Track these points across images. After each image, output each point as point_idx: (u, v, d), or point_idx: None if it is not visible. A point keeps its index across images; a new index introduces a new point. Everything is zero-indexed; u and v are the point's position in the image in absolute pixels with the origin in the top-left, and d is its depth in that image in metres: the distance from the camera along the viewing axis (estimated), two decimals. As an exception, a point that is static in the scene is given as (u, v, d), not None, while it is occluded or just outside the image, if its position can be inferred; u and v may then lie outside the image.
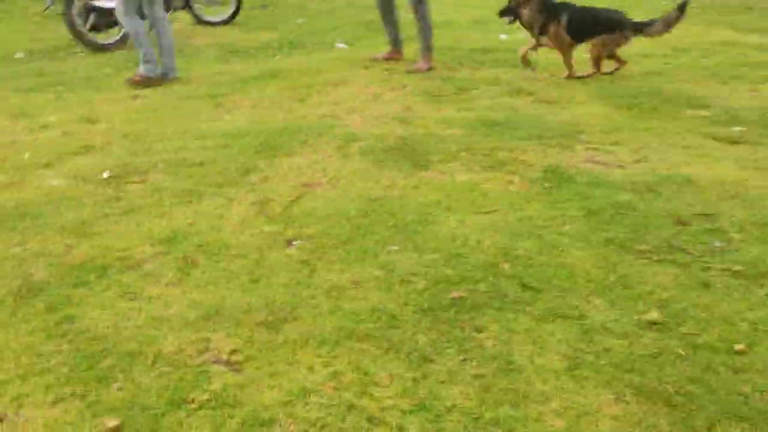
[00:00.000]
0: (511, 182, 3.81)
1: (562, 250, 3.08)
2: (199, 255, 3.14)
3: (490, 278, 2.89)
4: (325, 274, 2.98)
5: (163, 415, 2.22)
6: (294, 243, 3.24)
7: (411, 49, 6.72)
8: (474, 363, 2.39)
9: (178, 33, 7.95)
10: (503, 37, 7.41)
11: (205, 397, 2.29)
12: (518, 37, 7.35)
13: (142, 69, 5.83)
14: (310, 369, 2.41)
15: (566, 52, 5.79)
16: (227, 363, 2.46)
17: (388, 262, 3.05)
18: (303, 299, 2.80)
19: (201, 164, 4.11)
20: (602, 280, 2.84)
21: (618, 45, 5.71)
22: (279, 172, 3.99)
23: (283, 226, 3.38)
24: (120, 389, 2.33)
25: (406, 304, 2.75)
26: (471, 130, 4.60)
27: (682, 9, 5.51)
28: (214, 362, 2.46)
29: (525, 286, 2.82)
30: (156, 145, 4.44)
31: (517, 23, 5.92)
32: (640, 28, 5.61)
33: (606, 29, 5.61)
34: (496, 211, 3.48)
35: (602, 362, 2.37)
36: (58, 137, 4.70)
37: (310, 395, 2.28)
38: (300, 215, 3.48)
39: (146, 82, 5.76)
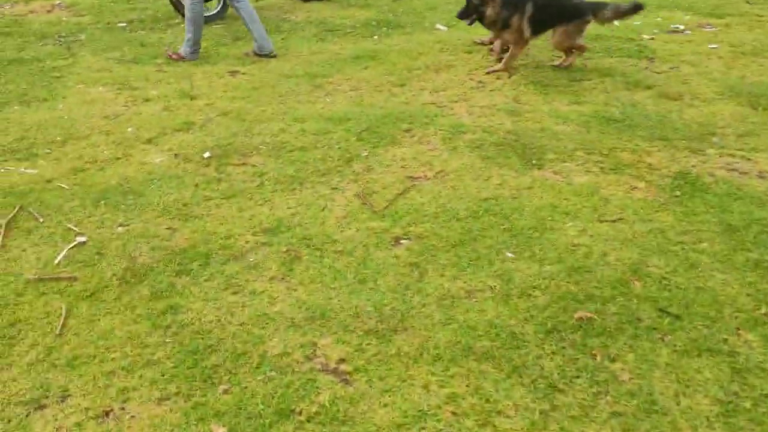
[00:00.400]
0: (635, 188, 3.48)
1: (702, 272, 2.76)
2: (303, 248, 3.00)
3: (620, 298, 2.62)
4: (436, 279, 2.78)
5: (270, 425, 2.08)
6: (401, 242, 3.05)
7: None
8: (609, 398, 2.15)
9: (275, 8, 7.86)
10: (615, 23, 6.94)
11: (314, 409, 2.14)
12: (630, 24, 6.88)
13: (181, 49, 5.96)
14: (425, 388, 2.22)
15: (521, 48, 5.23)
16: (335, 372, 2.30)
17: (504, 271, 2.82)
18: (413, 306, 2.62)
19: (302, 149, 3.97)
20: (753, 311, 2.52)
21: (581, 32, 5.20)
22: (382, 162, 3.80)
23: (390, 222, 3.19)
24: (226, 392, 2.21)
25: (526, 321, 2.51)
26: (586, 126, 4.27)
27: (636, 8, 5.11)
28: (321, 370, 2.31)
29: (662, 311, 2.53)
30: (256, 125, 4.33)
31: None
32: (596, 12, 5.10)
33: (569, 18, 5.10)
34: (621, 219, 3.18)
35: (761, 410, 2.08)
36: (159, 112, 4.66)
37: (426, 419, 2.09)
38: (406, 211, 3.28)
39: (178, 59, 5.90)
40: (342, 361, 2.35)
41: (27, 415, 2.13)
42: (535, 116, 4.43)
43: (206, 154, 3.93)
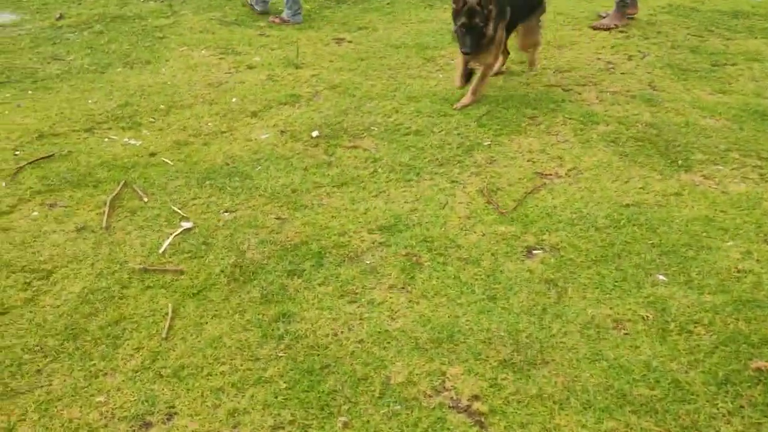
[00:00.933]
0: (806, 203, 2.99)
1: None
2: (424, 252, 2.70)
3: (805, 347, 2.20)
4: (577, 302, 2.43)
5: (397, 474, 1.83)
6: (534, 252, 2.70)
7: (646, 5, 5.77)
8: (808, 484, 1.77)
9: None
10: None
11: (447, 458, 1.87)
12: (775, -1, 6.12)
13: (284, 13, 5.79)
14: (576, 444, 1.90)
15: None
16: (468, 412, 2.01)
17: (657, 297, 2.44)
18: (553, 335, 2.28)
19: (417, 133, 3.64)
20: None
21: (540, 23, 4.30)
22: (507, 153, 3.43)
23: (519, 227, 2.84)
24: (346, 426, 1.96)
25: (691, 367, 2.14)
26: (737, 121, 3.74)
27: None
28: (452, 407, 2.03)
29: None
30: (366, 102, 4.02)
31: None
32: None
33: (536, 7, 4.19)
34: (792, 242, 2.72)
35: None
36: (263, 81, 4.42)
37: (581, 486, 1.79)
38: (537, 215, 2.92)
39: (281, 23, 5.77)
40: (475, 398, 2.05)
41: (133, 433, 1.96)
42: (676, 107, 3.93)
43: (314, 133, 3.66)
